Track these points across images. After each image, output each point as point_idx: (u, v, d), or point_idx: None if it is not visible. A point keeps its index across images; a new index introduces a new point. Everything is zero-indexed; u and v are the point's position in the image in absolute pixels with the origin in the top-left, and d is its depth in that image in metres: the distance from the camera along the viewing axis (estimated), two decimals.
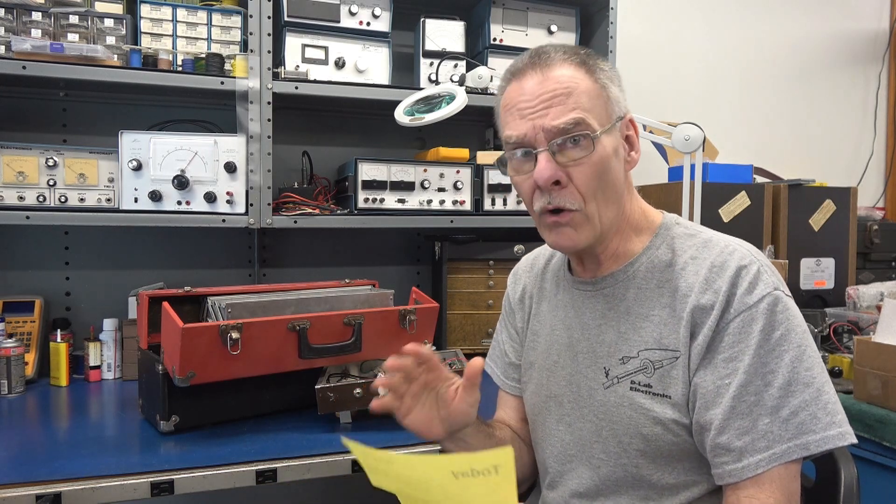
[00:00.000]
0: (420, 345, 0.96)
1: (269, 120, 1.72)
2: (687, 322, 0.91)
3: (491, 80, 1.85)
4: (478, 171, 1.94)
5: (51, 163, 1.63)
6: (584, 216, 0.93)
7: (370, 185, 1.83)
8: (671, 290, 0.94)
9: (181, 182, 1.66)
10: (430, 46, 1.98)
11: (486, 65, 1.95)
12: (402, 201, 1.87)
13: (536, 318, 1.13)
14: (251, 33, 1.72)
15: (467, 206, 1.92)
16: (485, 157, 1.98)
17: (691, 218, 1.79)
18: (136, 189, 1.66)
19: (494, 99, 1.03)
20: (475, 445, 1.03)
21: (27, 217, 1.58)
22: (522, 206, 1.97)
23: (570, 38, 2.10)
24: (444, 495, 0.71)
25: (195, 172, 1.68)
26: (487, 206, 1.94)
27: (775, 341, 0.87)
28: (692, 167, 1.70)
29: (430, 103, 1.62)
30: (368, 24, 1.88)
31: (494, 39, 2.03)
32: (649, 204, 1.06)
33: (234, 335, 1.26)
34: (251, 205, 1.72)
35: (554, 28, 2.07)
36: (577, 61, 0.94)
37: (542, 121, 0.91)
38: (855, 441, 0.87)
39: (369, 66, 1.89)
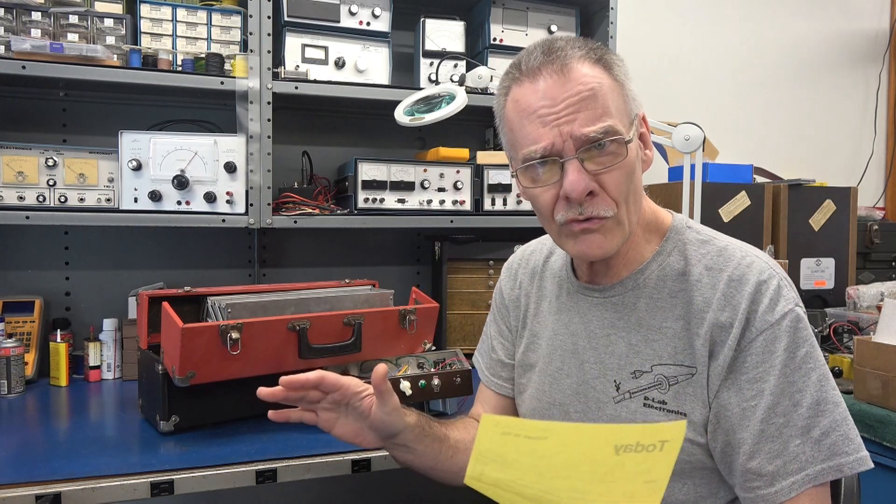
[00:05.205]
0: (321, 372, 0.92)
1: (268, 120, 1.72)
2: (705, 340, 0.87)
3: (491, 80, 1.85)
4: (478, 171, 1.94)
5: (51, 163, 1.63)
6: (615, 221, 0.88)
7: (370, 185, 1.82)
8: (685, 301, 0.90)
9: (181, 182, 1.66)
10: (430, 46, 1.98)
11: (486, 65, 1.95)
12: (402, 201, 1.86)
13: (536, 319, 1.09)
14: (251, 33, 1.72)
15: (467, 206, 1.92)
16: (485, 157, 1.98)
17: (691, 218, 1.79)
18: (135, 189, 1.66)
19: (497, 98, 0.94)
20: (422, 452, 1.01)
21: (27, 217, 1.58)
22: (522, 206, 1.96)
23: None
24: (591, 476, 0.64)
25: (195, 172, 1.68)
26: (487, 206, 1.94)
27: (801, 360, 0.83)
28: (692, 167, 1.70)
29: (430, 103, 1.62)
30: (368, 24, 1.88)
31: (494, 39, 2.03)
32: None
33: (234, 335, 1.26)
34: (251, 205, 1.72)
35: (554, 28, 2.07)
36: (595, 58, 0.87)
37: (570, 127, 0.84)
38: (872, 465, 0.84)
39: (369, 66, 1.89)
